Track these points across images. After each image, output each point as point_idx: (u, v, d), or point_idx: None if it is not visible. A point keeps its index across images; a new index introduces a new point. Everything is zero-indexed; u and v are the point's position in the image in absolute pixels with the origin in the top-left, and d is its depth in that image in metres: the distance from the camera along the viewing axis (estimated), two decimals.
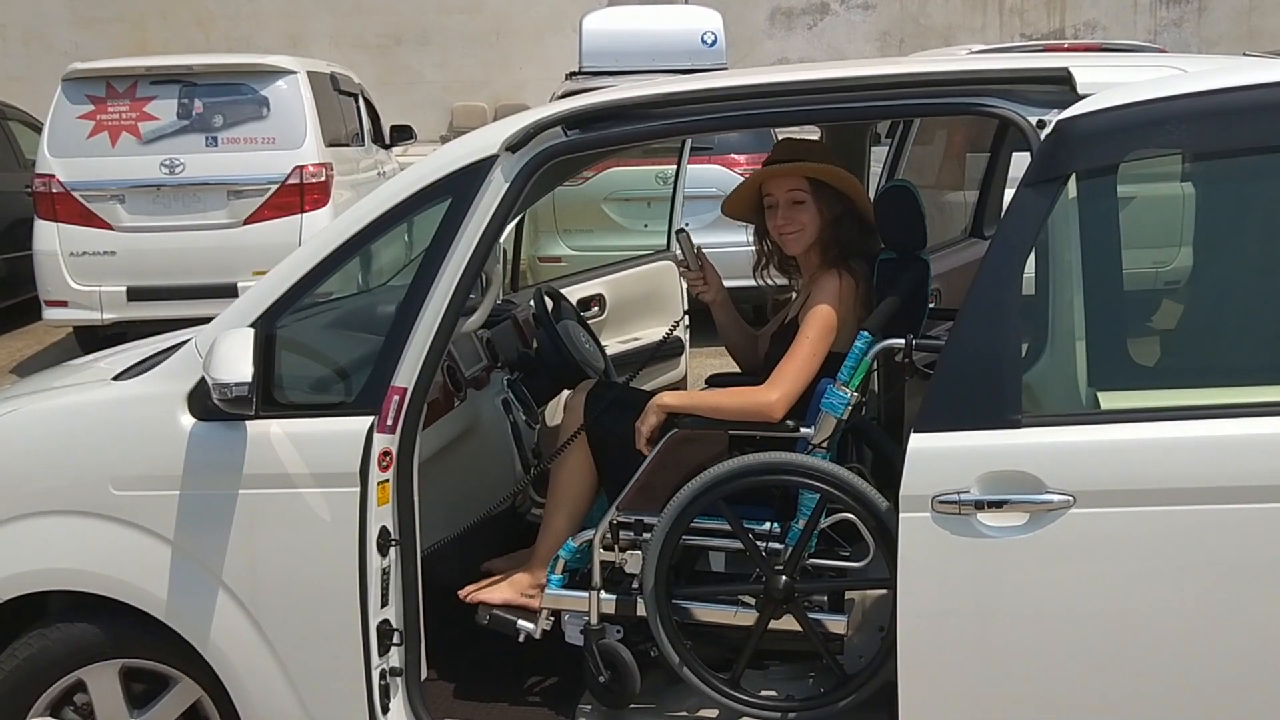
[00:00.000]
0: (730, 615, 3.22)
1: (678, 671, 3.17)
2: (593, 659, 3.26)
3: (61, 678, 3.24)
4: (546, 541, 3.50)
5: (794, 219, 3.50)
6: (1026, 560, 2.68)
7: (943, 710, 2.78)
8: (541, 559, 3.48)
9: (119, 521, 3.13)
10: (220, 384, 2.91)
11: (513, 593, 3.48)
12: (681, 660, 3.15)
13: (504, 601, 3.46)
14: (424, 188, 3.11)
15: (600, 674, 3.26)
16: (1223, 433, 2.66)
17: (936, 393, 2.76)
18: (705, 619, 3.23)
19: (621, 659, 3.25)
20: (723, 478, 3.09)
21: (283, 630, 3.10)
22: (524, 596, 3.47)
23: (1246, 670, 2.65)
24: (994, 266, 2.75)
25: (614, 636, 3.29)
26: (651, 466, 3.24)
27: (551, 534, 3.49)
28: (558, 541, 3.44)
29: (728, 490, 3.10)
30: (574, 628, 3.34)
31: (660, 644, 3.16)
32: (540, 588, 3.44)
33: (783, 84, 3.11)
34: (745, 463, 3.11)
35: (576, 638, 3.34)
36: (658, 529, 3.14)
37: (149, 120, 9.27)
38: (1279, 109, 2.68)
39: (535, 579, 3.47)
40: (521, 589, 3.48)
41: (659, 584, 3.14)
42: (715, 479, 3.10)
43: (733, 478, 3.09)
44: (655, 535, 3.14)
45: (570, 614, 3.35)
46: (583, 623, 3.31)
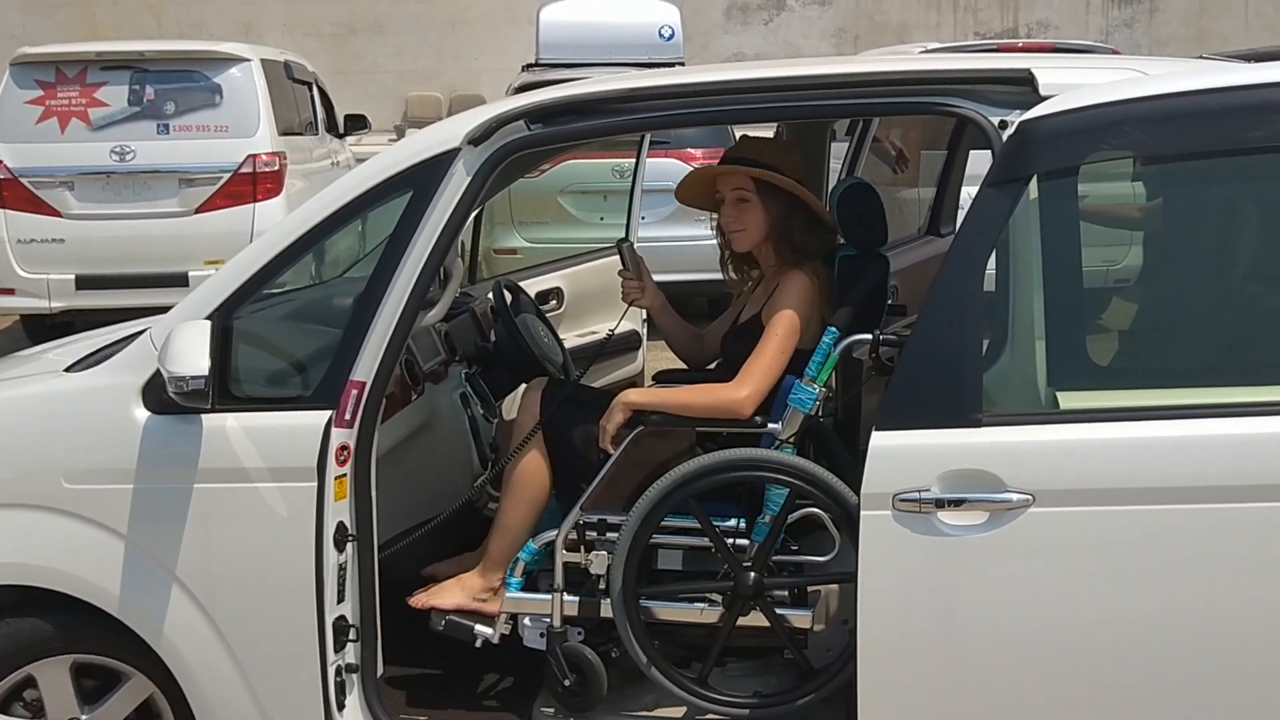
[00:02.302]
0: (696, 613, 3.22)
1: (645, 671, 3.15)
2: (557, 663, 3.23)
3: (10, 673, 3.19)
4: (499, 542, 3.43)
5: (738, 218, 3.50)
6: (986, 559, 2.70)
7: (901, 706, 2.79)
8: (495, 561, 3.43)
9: (71, 515, 3.08)
10: (176, 377, 2.87)
11: (465, 597, 3.42)
12: (649, 660, 3.14)
13: (456, 606, 3.40)
14: (385, 180, 3.08)
15: (565, 678, 3.22)
16: (1181, 434, 2.68)
17: (898, 391, 2.77)
18: (668, 618, 3.22)
19: (587, 661, 3.23)
20: (694, 474, 3.09)
21: (238, 626, 3.07)
22: (476, 601, 3.42)
23: (1202, 668, 2.68)
24: (955, 266, 2.76)
25: (576, 639, 3.27)
26: (617, 465, 3.23)
27: (505, 535, 3.43)
28: (512, 542, 3.40)
29: (699, 487, 3.09)
30: (534, 631, 3.30)
31: (628, 644, 3.14)
32: (493, 591, 3.41)
33: (745, 81, 3.11)
34: (718, 459, 3.10)
35: (536, 641, 3.30)
36: (626, 528, 3.12)
37: (99, 106, 9.15)
38: (1237, 112, 2.71)
39: (488, 582, 3.43)
40: (474, 593, 3.43)
41: (627, 584, 3.13)
42: (686, 475, 3.09)
43: (705, 474, 3.09)
44: (624, 534, 3.12)
45: (530, 617, 3.31)
46: (542, 626, 3.28)
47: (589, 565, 3.24)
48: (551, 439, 3.41)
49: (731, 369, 3.32)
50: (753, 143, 3.63)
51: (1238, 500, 2.64)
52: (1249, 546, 2.64)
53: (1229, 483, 2.64)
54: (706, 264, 8.57)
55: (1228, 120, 2.72)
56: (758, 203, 3.46)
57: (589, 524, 3.25)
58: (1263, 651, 2.66)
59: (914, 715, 2.79)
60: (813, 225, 3.50)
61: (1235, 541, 2.64)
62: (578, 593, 3.27)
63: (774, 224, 3.46)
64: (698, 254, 9.36)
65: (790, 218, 3.46)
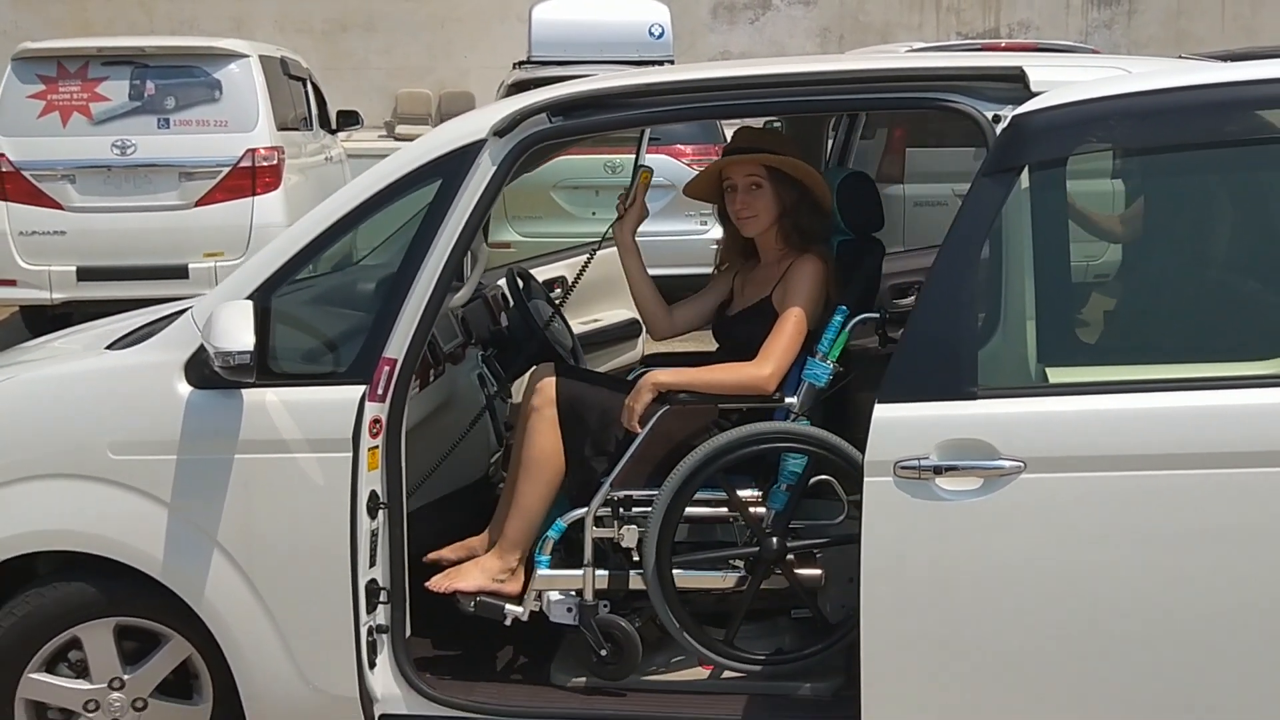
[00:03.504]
0: (720, 580, 3.41)
1: (676, 636, 3.34)
2: (593, 635, 3.37)
3: (58, 634, 3.36)
4: (517, 523, 3.53)
5: (750, 204, 3.68)
6: (981, 521, 2.90)
7: (901, 659, 2.98)
8: (512, 542, 3.53)
9: (117, 485, 3.25)
10: (223, 352, 3.04)
11: (485, 579, 3.51)
12: (681, 626, 3.33)
13: (478, 589, 3.50)
14: (415, 169, 3.27)
15: (601, 648, 3.37)
16: (1159, 405, 2.89)
17: (899, 366, 2.96)
18: (691, 585, 3.40)
19: (622, 630, 3.38)
20: (725, 448, 3.29)
21: (276, 588, 3.24)
22: (495, 582, 3.52)
23: (1178, 622, 2.88)
24: (952, 250, 2.96)
25: (604, 611, 3.41)
26: (645, 443, 3.41)
27: (523, 516, 3.52)
28: (529, 523, 3.51)
29: (729, 460, 3.29)
30: (560, 606, 3.43)
31: (661, 612, 3.33)
32: (510, 571, 3.52)
33: (753, 77, 3.32)
34: (747, 432, 3.30)
35: (564, 616, 3.43)
36: (659, 501, 3.30)
37: (100, 101, 9.29)
38: (1213, 108, 2.92)
39: (505, 563, 3.53)
40: (493, 574, 3.52)
41: (662, 555, 3.30)
42: (717, 449, 3.29)
43: (735, 447, 3.29)
44: (657, 507, 3.30)
45: (558, 593, 3.45)
46: (569, 601, 3.42)
47: (620, 540, 3.40)
48: (568, 421, 3.53)
49: (744, 349, 3.52)
50: (758, 133, 3.83)
51: (1211, 466, 2.84)
52: (1222, 508, 2.84)
53: (1203, 450, 2.84)
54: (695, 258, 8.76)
55: (1205, 115, 2.92)
56: (769, 189, 3.65)
57: (616, 500, 3.41)
58: (1232, 606, 2.86)
59: (913, 667, 2.99)
60: (817, 211, 3.70)
61: (1209, 504, 2.85)
62: (606, 566, 3.43)
63: (783, 209, 3.66)
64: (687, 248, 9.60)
65: (799, 204, 3.66)
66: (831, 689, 3.38)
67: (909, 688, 3.00)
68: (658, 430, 3.41)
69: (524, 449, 3.55)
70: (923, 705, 3.01)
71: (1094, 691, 2.93)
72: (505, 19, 17.49)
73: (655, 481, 3.38)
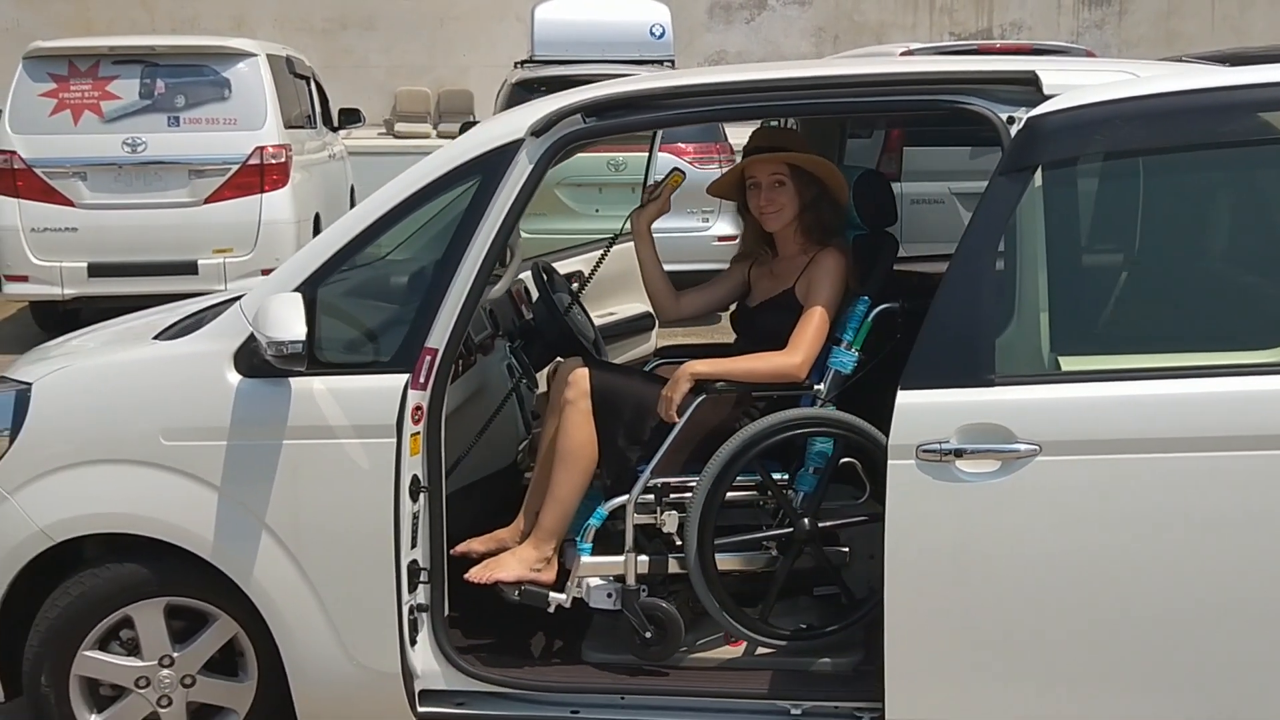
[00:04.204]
0: (752, 561, 3.58)
1: (715, 616, 3.50)
2: (637, 618, 3.51)
3: (111, 613, 3.49)
4: (552, 513, 3.63)
5: (774, 200, 3.84)
6: (999, 502, 3.05)
7: (923, 633, 3.14)
8: (548, 531, 3.64)
9: (169, 469, 3.39)
10: (276, 341, 3.18)
11: (523, 568, 3.61)
12: (721, 606, 3.49)
13: (517, 579, 3.60)
14: (456, 167, 3.42)
15: (646, 630, 3.51)
16: (1166, 392, 3.04)
17: (921, 355, 3.12)
18: (727, 567, 3.55)
19: (665, 612, 3.52)
20: (763, 434, 3.45)
21: (322, 568, 3.38)
22: (533, 571, 3.62)
23: (1195, 604, 3.04)
24: (971, 245, 3.12)
25: (644, 595, 3.54)
26: (683, 431, 3.55)
27: (559, 506, 3.63)
28: (565, 513, 3.63)
29: (767, 445, 3.45)
30: (600, 592, 3.57)
31: (702, 593, 3.48)
32: (546, 560, 3.64)
33: (778, 80, 3.47)
34: (784, 418, 3.48)
35: (604, 601, 3.57)
36: (700, 487, 3.45)
37: (111, 99, 9.44)
38: (1218, 110, 3.08)
39: (541, 553, 3.63)
40: (530, 564, 3.62)
41: (704, 538, 3.45)
42: (756, 435, 3.45)
43: (773, 433, 3.45)
44: (698, 493, 3.45)
45: (599, 579, 3.58)
46: (609, 587, 3.56)
47: (662, 525, 3.54)
48: (601, 412, 3.64)
49: (768, 338, 3.69)
50: (778, 132, 3.99)
51: (1218, 450, 3.00)
52: (1229, 491, 3.00)
53: (1210, 434, 3.00)
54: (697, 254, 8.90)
55: (1211, 117, 3.08)
56: (791, 186, 3.81)
57: (656, 487, 3.56)
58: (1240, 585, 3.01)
59: (934, 642, 3.14)
60: (835, 206, 3.86)
61: (1217, 486, 3.00)
62: (646, 552, 3.57)
63: (804, 205, 3.82)
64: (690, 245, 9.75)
65: (819, 199, 3.82)
66: (852, 664, 3.54)
67: (930, 662, 3.15)
68: (694, 418, 3.55)
69: (559, 440, 3.66)
70: (944, 678, 3.16)
71: (1109, 667, 3.08)
72: (504, 18, 17.65)
73: (692, 468, 3.54)
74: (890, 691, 3.17)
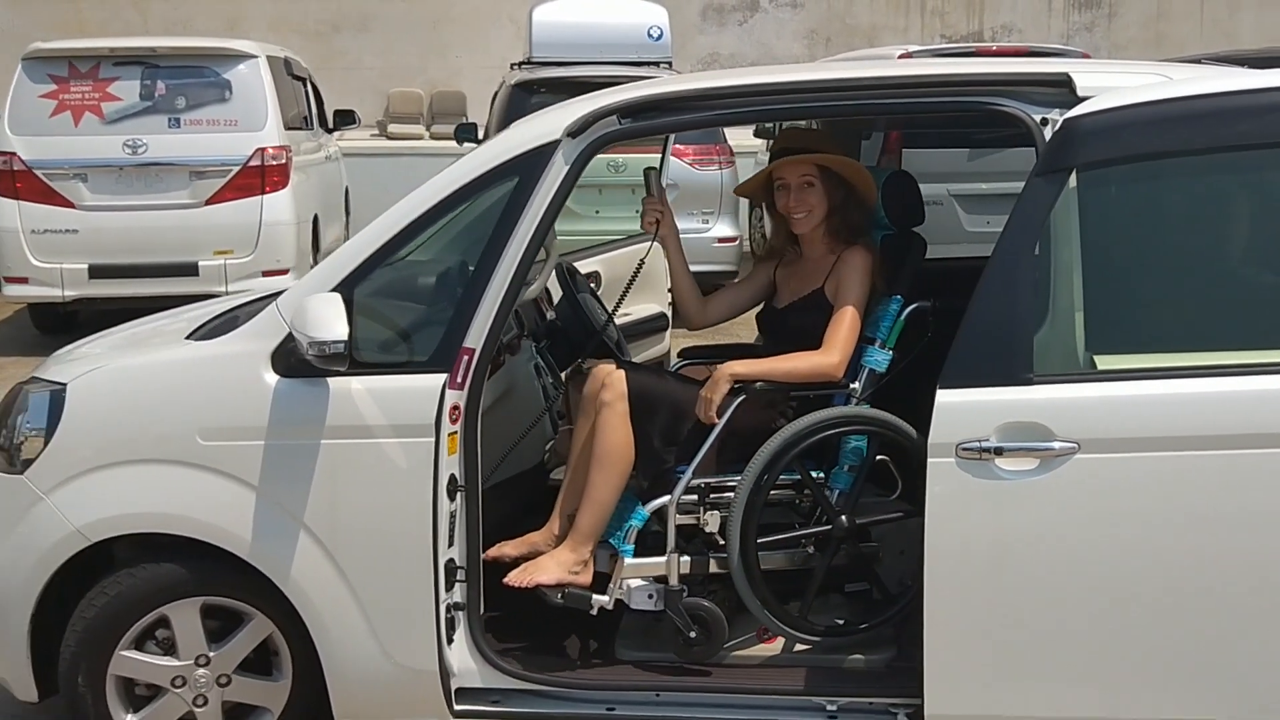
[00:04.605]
0: (790, 559, 3.61)
1: (757, 614, 3.54)
2: (681, 619, 3.52)
3: (148, 613, 3.50)
4: (590, 516, 3.62)
5: (803, 201, 3.87)
6: (1039, 500, 3.09)
7: (962, 628, 3.17)
8: (585, 534, 3.63)
9: (206, 469, 3.40)
10: (318, 341, 3.19)
11: (562, 571, 3.60)
12: (763, 604, 3.52)
13: (557, 582, 3.59)
14: (494, 167, 3.44)
15: (690, 629, 3.52)
16: (1202, 390, 3.08)
17: (959, 355, 3.15)
18: (766, 566, 3.56)
19: (709, 611, 3.53)
20: (804, 433, 3.49)
21: (360, 567, 3.39)
22: (571, 574, 3.61)
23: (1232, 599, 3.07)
24: (1008, 245, 3.15)
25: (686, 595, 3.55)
26: (723, 431, 3.58)
27: (597, 508, 3.62)
28: (603, 515, 3.63)
29: (809, 444, 3.49)
30: (641, 594, 3.58)
31: (744, 591, 3.50)
32: (584, 563, 3.63)
33: (814, 82, 3.50)
34: (823, 418, 3.52)
35: (645, 603, 3.57)
36: (743, 486, 3.48)
37: (112, 101, 9.44)
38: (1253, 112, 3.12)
39: (579, 555, 3.62)
40: (568, 567, 3.61)
41: (747, 537, 3.48)
42: (797, 434, 3.48)
43: (815, 432, 3.49)
44: (740, 491, 3.48)
45: (640, 580, 3.59)
46: (650, 588, 3.57)
47: (705, 525, 3.56)
48: (638, 414, 3.64)
49: (800, 338, 3.71)
50: (807, 133, 4.01)
51: (1252, 447, 3.03)
52: (1264, 486, 3.04)
53: (1246, 431, 3.04)
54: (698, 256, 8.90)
55: (1245, 119, 3.12)
56: (820, 187, 3.84)
57: (695, 488, 3.57)
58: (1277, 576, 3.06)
59: (974, 637, 3.17)
60: (863, 207, 3.89)
61: (1253, 481, 3.04)
62: (688, 552, 3.58)
63: (833, 206, 3.85)
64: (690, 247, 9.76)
65: (847, 200, 3.85)
66: (885, 660, 3.57)
67: (970, 657, 3.18)
68: (734, 418, 3.58)
69: (597, 442, 3.64)
70: (983, 673, 3.19)
71: (1147, 662, 3.12)
72: (497, 20, 17.66)
73: (732, 468, 3.56)
74: (930, 686, 3.20)
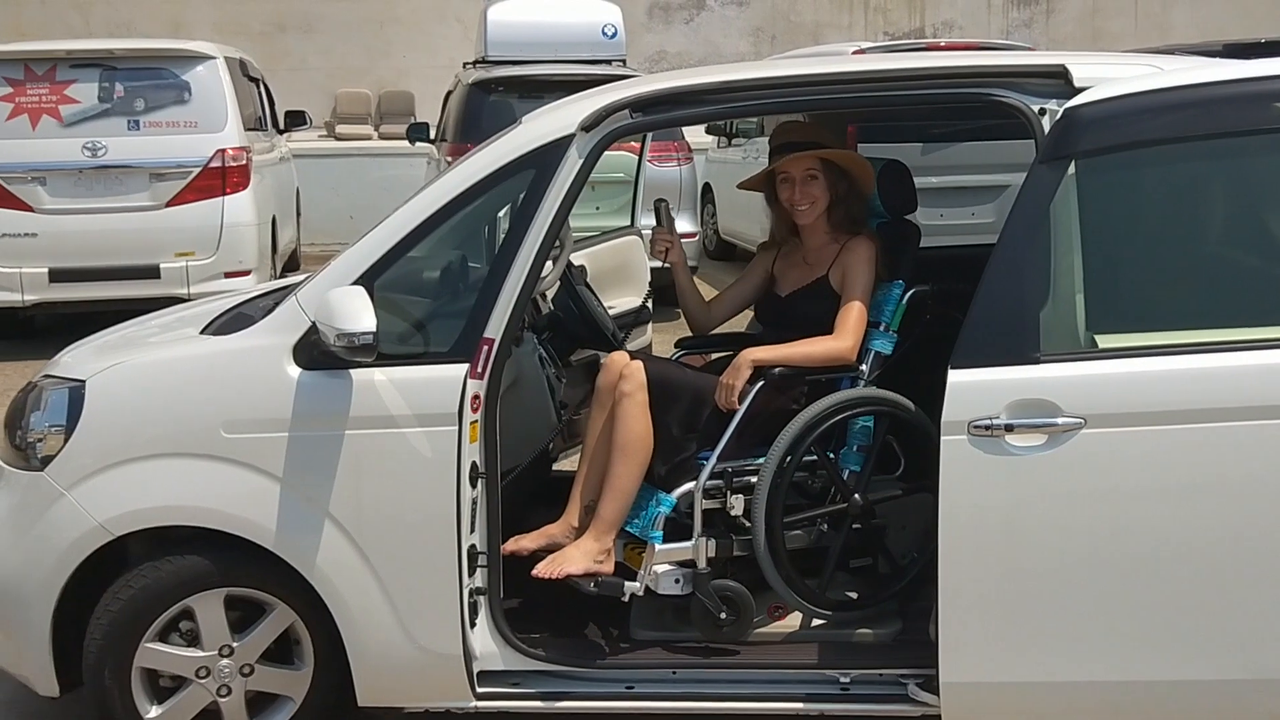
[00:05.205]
0: (807, 538, 3.73)
1: (780, 591, 3.65)
2: (711, 600, 3.61)
3: (172, 605, 3.54)
4: (613, 505, 3.71)
5: (807, 194, 3.99)
6: (1048, 473, 3.21)
7: (976, 597, 3.29)
8: (608, 523, 3.71)
9: (230, 462, 3.44)
10: (347, 333, 3.23)
11: (587, 561, 3.68)
12: (787, 583, 3.64)
13: (585, 572, 3.67)
14: (510, 161, 3.52)
15: (720, 611, 3.61)
16: (1199, 366, 3.23)
17: (970, 335, 3.27)
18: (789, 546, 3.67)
19: (737, 591, 3.63)
20: (825, 414, 3.62)
21: (385, 554, 3.45)
22: (596, 563, 3.69)
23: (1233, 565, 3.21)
24: (1013, 231, 3.28)
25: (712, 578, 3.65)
26: (745, 416, 3.68)
27: (619, 497, 3.70)
28: (625, 504, 3.71)
29: (827, 427, 3.62)
30: (669, 579, 3.67)
31: (768, 569, 3.61)
32: (607, 552, 3.71)
33: (818, 75, 3.62)
34: (840, 399, 3.66)
35: (672, 587, 3.66)
36: (766, 468, 3.58)
37: (70, 103, 9.38)
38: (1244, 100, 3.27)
39: (603, 545, 3.70)
40: (593, 556, 3.69)
41: (773, 517, 3.59)
42: (820, 414, 3.62)
43: (836, 413, 3.64)
44: (764, 474, 3.59)
45: (667, 565, 3.67)
46: (676, 573, 3.66)
47: (731, 509, 3.66)
48: (658, 404, 3.73)
49: (806, 325, 3.84)
50: (806, 126, 4.13)
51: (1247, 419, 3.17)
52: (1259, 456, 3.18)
53: (1240, 404, 3.17)
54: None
55: (1235, 107, 3.27)
56: (823, 180, 3.96)
57: (719, 473, 3.67)
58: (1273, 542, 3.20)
59: (988, 607, 3.29)
60: (862, 199, 4.02)
61: (1249, 452, 3.18)
62: (714, 535, 3.67)
63: (834, 198, 3.97)
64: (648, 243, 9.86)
65: (849, 191, 3.97)
66: (892, 634, 3.70)
67: (983, 626, 3.30)
68: (753, 403, 3.69)
69: (618, 433, 3.72)
70: (996, 641, 3.31)
71: (1153, 628, 3.25)
72: (444, 19, 17.68)
73: (752, 452, 3.67)
74: (944, 655, 3.32)
